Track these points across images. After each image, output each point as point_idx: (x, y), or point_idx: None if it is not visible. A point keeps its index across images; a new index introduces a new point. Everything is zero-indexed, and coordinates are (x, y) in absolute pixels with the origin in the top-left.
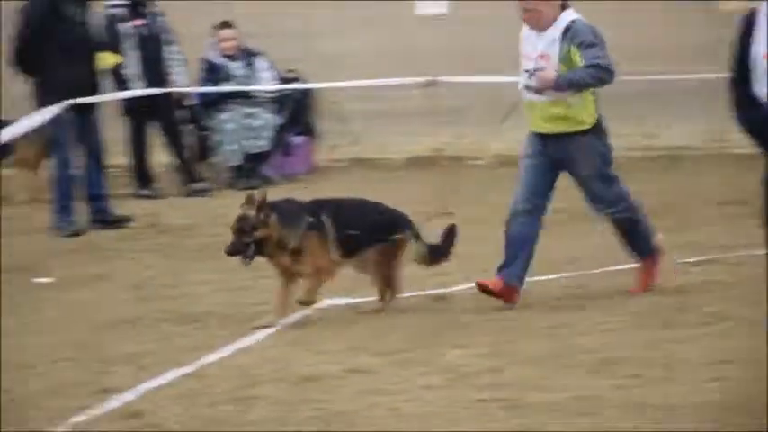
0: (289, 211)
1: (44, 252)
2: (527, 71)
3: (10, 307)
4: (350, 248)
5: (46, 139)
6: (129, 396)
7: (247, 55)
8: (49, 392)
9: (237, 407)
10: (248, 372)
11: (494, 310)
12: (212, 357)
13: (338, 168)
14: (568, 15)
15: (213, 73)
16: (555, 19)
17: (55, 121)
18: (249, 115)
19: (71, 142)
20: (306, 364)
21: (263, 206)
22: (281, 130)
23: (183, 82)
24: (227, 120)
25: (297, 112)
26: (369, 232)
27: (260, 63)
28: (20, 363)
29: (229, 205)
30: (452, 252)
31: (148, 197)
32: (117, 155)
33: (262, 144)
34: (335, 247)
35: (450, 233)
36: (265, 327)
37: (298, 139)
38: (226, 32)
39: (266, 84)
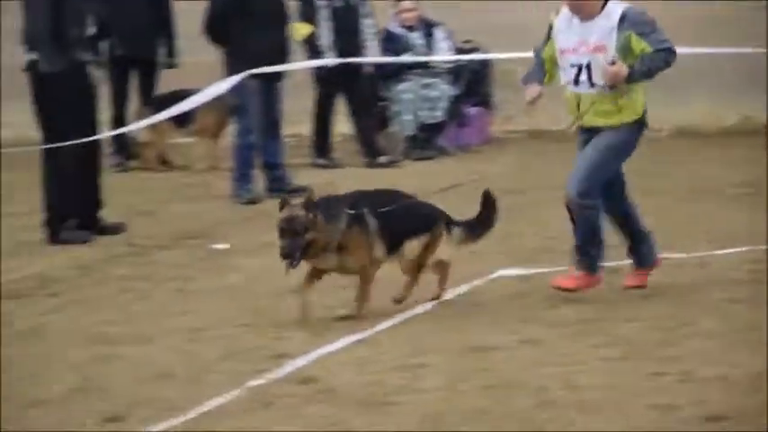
0: (329, 209)
1: (222, 219)
2: (575, 65)
3: (190, 273)
4: (391, 244)
5: (227, 107)
6: (302, 361)
7: (426, 25)
8: (225, 357)
9: (408, 375)
10: (419, 340)
11: (668, 284)
12: (385, 325)
13: (513, 140)
14: (617, 5)
15: (392, 43)
16: (601, 6)
17: (240, 88)
18: (426, 86)
19: (254, 110)
20: (477, 334)
21: (310, 206)
22: (457, 101)
23: (374, 55)
24: (405, 90)
25: (473, 82)
26: (408, 227)
27: (438, 34)
28: (197, 327)
29: (406, 175)
30: (494, 218)
31: (326, 167)
32: (295, 124)
33: (437, 115)
34: (379, 242)
35: (487, 201)
36: (435, 299)
37: (473, 110)
38: (406, 3)
39: (444, 54)
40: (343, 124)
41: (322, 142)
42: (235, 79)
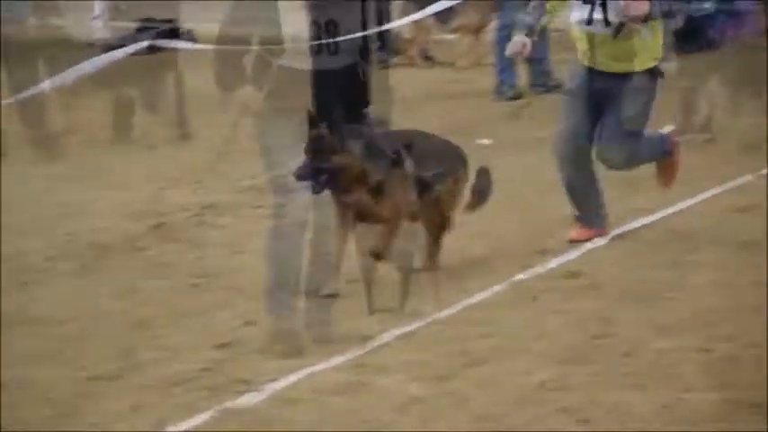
0: (375, 141)
1: (485, 115)
2: (590, 2)
3: None
4: (420, 191)
5: (490, 3)
6: (567, 257)
7: None
8: (490, 252)
9: (676, 271)
10: (689, 235)
11: None
12: (648, 219)
13: None
14: None
15: None
16: None
17: None
18: None
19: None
20: (749, 230)
21: (335, 127)
22: None
23: None
24: None
25: None
26: (437, 172)
27: None
28: (462, 222)
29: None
30: (489, 193)
31: None
32: None
33: (707, 7)
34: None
35: (482, 176)
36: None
37: (745, 3)
38: None
39: None
40: None
41: None
42: None
